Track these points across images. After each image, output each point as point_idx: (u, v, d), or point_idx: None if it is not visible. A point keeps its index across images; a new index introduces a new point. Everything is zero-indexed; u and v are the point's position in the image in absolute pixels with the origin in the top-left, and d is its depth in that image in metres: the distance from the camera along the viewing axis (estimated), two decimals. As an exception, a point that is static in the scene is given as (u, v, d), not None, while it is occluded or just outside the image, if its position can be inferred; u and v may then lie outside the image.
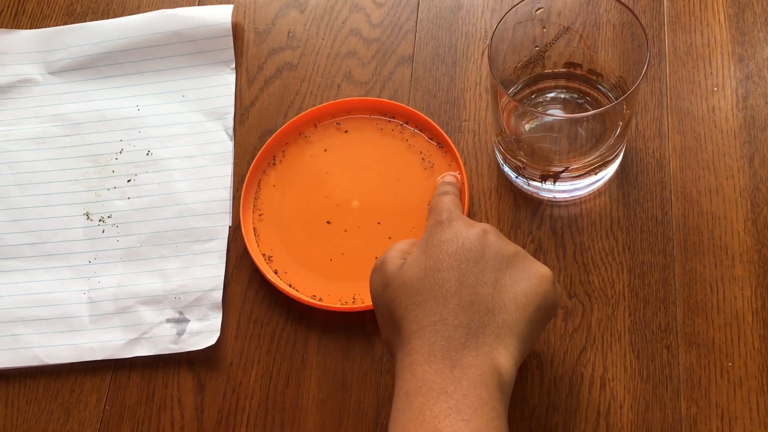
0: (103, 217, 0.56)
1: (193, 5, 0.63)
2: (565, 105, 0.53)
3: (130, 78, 0.60)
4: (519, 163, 0.51)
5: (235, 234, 0.54)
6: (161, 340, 0.51)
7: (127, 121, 0.59)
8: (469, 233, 0.41)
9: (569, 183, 0.51)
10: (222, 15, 0.61)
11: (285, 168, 0.56)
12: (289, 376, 0.50)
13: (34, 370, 0.52)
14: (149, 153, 0.58)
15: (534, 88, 0.53)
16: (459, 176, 0.49)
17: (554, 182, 0.51)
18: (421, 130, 0.56)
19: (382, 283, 0.42)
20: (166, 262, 0.54)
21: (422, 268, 0.40)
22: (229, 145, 0.57)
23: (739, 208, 0.51)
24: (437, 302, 0.39)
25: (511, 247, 0.41)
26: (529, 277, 0.40)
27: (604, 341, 0.49)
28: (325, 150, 0.57)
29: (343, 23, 0.61)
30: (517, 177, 0.53)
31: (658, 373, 0.47)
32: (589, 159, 0.50)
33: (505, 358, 0.38)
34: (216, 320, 0.51)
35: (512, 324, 0.39)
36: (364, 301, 0.51)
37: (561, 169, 0.50)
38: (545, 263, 0.51)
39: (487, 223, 0.52)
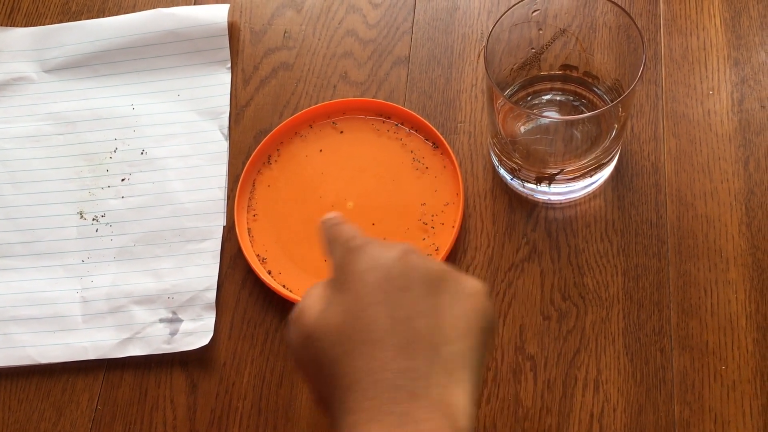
0: (96, 216, 0.56)
1: (189, 4, 0.63)
2: (561, 107, 0.53)
3: (125, 77, 0.60)
4: (514, 165, 0.51)
5: (229, 234, 0.54)
6: (154, 340, 0.51)
7: (122, 120, 0.59)
8: (388, 257, 0.35)
9: (564, 185, 0.51)
10: (218, 14, 0.60)
11: (280, 168, 0.56)
12: (283, 376, 0.50)
13: (26, 370, 0.52)
14: (144, 152, 0.57)
15: (530, 90, 0.53)
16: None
17: (549, 184, 0.51)
18: (416, 131, 0.56)
19: (302, 336, 0.36)
20: (159, 262, 0.53)
21: (345, 310, 0.34)
22: (224, 145, 0.57)
23: (734, 212, 0.51)
24: (372, 346, 0.33)
25: (436, 265, 0.36)
26: (465, 296, 0.35)
27: (598, 344, 0.49)
28: (321, 150, 0.56)
29: (339, 24, 0.61)
30: (512, 179, 0.53)
31: (652, 376, 0.47)
32: (584, 161, 0.50)
33: (459, 397, 0.33)
34: (209, 320, 0.51)
35: (460, 355, 0.34)
36: (358, 302, 0.51)
37: (556, 172, 0.50)
38: (540, 265, 0.51)
39: (482, 224, 0.52)
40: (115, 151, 0.58)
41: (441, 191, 0.54)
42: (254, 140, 0.57)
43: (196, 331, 0.51)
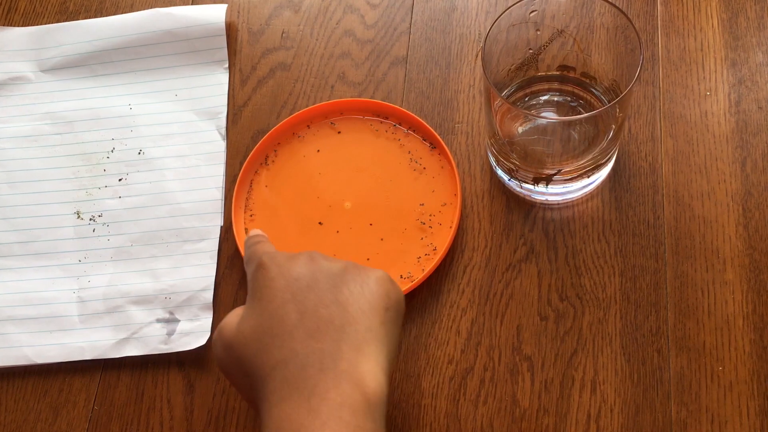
0: (93, 216, 0.56)
1: (187, 4, 0.63)
2: (559, 108, 0.53)
3: (123, 77, 0.60)
4: (512, 166, 0.51)
5: (227, 234, 0.54)
6: (151, 340, 0.51)
7: (120, 120, 0.59)
8: (293, 263, 0.39)
9: (562, 186, 0.51)
10: (216, 14, 0.60)
11: (277, 168, 0.56)
12: (280, 377, 0.50)
13: (23, 370, 0.52)
14: (141, 152, 0.57)
15: (527, 90, 0.53)
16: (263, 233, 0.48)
17: (547, 185, 0.51)
18: (414, 132, 0.56)
19: (223, 347, 0.40)
20: (156, 262, 0.53)
21: (258, 314, 0.38)
22: (222, 145, 0.57)
23: (731, 213, 0.51)
24: (283, 338, 0.37)
25: (338, 262, 0.40)
26: (367, 284, 0.39)
27: (595, 344, 0.49)
28: (318, 151, 0.56)
29: (337, 24, 0.61)
30: (509, 179, 0.53)
31: (649, 377, 0.47)
32: (581, 162, 0.50)
33: (368, 368, 0.36)
34: (206, 321, 0.51)
35: (367, 332, 0.37)
36: (356, 303, 0.51)
37: (554, 172, 0.50)
38: (537, 265, 0.51)
39: (479, 225, 0.53)
40: (112, 151, 0.58)
41: (438, 192, 0.54)
42: (252, 140, 0.57)
43: (193, 332, 0.51)
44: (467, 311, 0.50)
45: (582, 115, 0.51)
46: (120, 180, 0.57)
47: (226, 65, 0.60)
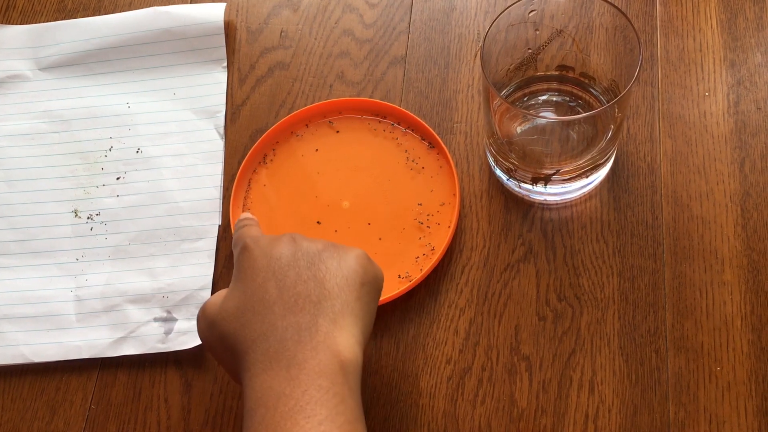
0: (91, 215, 0.55)
1: (186, 3, 0.63)
2: (557, 108, 0.53)
3: (121, 75, 0.60)
4: (510, 166, 0.51)
5: (225, 233, 0.54)
6: (148, 339, 0.51)
7: (117, 119, 0.58)
8: (274, 244, 0.41)
9: (560, 186, 0.51)
10: (214, 13, 0.60)
11: (276, 167, 0.56)
12: (277, 376, 0.50)
13: (20, 368, 0.52)
14: (139, 151, 0.57)
15: (526, 90, 0.53)
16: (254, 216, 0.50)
17: (545, 185, 0.51)
18: (413, 131, 0.56)
19: (206, 324, 0.41)
20: (154, 261, 0.53)
21: (241, 293, 0.40)
22: (220, 144, 0.57)
23: (729, 213, 0.51)
24: (263, 314, 0.39)
25: (318, 242, 0.42)
26: (344, 261, 0.40)
27: (594, 344, 0.49)
28: (317, 150, 0.56)
29: (336, 23, 0.61)
30: (508, 179, 0.53)
31: (647, 377, 0.47)
32: (580, 162, 0.50)
33: (344, 339, 0.38)
34: (204, 320, 0.51)
35: (343, 306, 0.39)
36: (354, 302, 0.51)
37: (552, 172, 0.50)
38: (535, 265, 0.51)
39: (478, 225, 0.52)
40: (110, 150, 0.58)
41: (437, 191, 0.54)
42: (250, 139, 0.57)
43: (191, 331, 0.51)
44: (465, 311, 0.50)
45: (581, 115, 0.51)
46: (118, 179, 0.56)
47: (225, 64, 0.60)
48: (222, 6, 0.61)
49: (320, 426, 0.35)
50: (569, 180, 0.51)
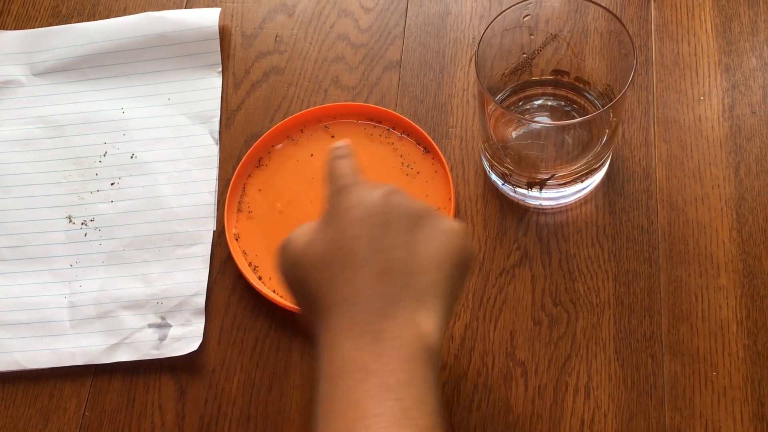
0: (85, 221, 0.55)
1: (181, 8, 0.63)
2: (552, 112, 0.53)
3: (115, 80, 0.60)
4: (505, 170, 0.51)
5: (219, 239, 0.54)
6: (143, 346, 0.51)
7: (112, 124, 0.58)
8: (372, 196, 0.38)
9: (555, 190, 0.51)
10: (209, 18, 0.60)
11: (271, 172, 0.56)
12: (272, 382, 0.50)
13: (13, 375, 0.51)
14: (133, 156, 0.57)
15: (521, 95, 0.53)
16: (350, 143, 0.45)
17: (540, 189, 0.51)
18: (408, 136, 0.56)
19: (289, 262, 0.39)
20: (148, 267, 0.53)
21: (330, 240, 0.38)
22: (215, 149, 0.57)
23: (725, 218, 0.51)
24: (351, 272, 0.37)
25: (417, 204, 0.39)
26: (442, 234, 0.38)
27: (589, 349, 0.48)
28: (312, 155, 0.56)
29: (330, 28, 0.61)
30: (503, 184, 0.53)
31: (643, 382, 0.47)
32: (575, 167, 0.50)
33: (429, 321, 0.36)
34: (198, 326, 0.51)
35: (431, 285, 0.37)
36: (349, 308, 0.50)
37: (547, 177, 0.50)
38: (531, 270, 0.51)
39: (473, 229, 0.52)
40: (104, 155, 0.57)
41: (432, 196, 0.54)
42: (245, 144, 0.57)
43: (185, 337, 0.51)
44: (461, 316, 0.50)
45: (576, 120, 0.51)
46: (112, 184, 0.56)
47: (220, 69, 0.60)
48: (217, 11, 0.61)
49: (408, 411, 0.33)
50: (564, 185, 0.51)
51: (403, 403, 0.34)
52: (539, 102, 0.53)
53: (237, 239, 0.54)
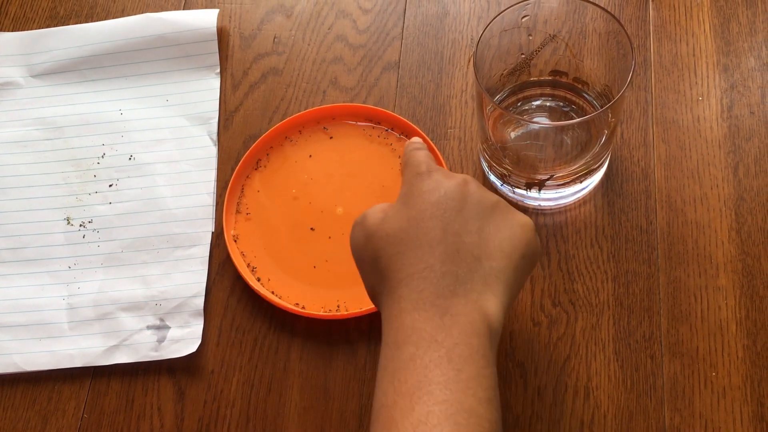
0: (84, 222, 0.55)
1: (179, 9, 0.63)
2: (551, 113, 0.53)
3: (114, 82, 0.60)
4: (504, 171, 0.51)
5: (218, 240, 0.54)
6: (141, 347, 0.51)
7: (110, 125, 0.58)
8: (449, 183, 0.40)
9: (554, 191, 0.51)
10: (207, 19, 0.60)
11: (269, 173, 0.56)
12: (271, 384, 0.50)
13: (12, 377, 0.51)
14: (132, 158, 0.57)
15: (520, 95, 0.53)
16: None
17: (539, 190, 0.51)
18: (406, 137, 0.56)
19: (364, 236, 0.41)
20: (147, 268, 0.53)
21: (405, 218, 0.40)
22: (213, 151, 0.57)
23: (724, 218, 0.51)
24: (423, 250, 0.38)
25: (491, 196, 0.41)
26: (512, 226, 0.40)
27: (589, 350, 0.48)
28: (310, 156, 0.56)
29: (329, 29, 0.61)
30: (502, 185, 0.53)
31: (642, 383, 0.47)
32: (574, 167, 0.49)
33: (493, 304, 0.38)
34: (197, 327, 0.51)
35: (499, 271, 0.39)
36: (348, 309, 0.50)
37: (546, 177, 0.50)
38: (530, 271, 0.51)
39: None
40: (102, 157, 0.57)
41: (431, 197, 0.53)
42: (243, 146, 0.57)
43: (184, 338, 0.50)
44: (460, 317, 0.50)
45: (574, 120, 0.51)
46: (110, 186, 0.56)
47: (218, 70, 0.60)
48: (215, 12, 0.61)
49: (469, 382, 0.35)
50: (563, 185, 0.51)
51: (464, 374, 0.35)
52: (538, 102, 0.53)
53: (235, 240, 0.54)
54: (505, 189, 0.53)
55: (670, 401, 0.47)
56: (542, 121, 0.53)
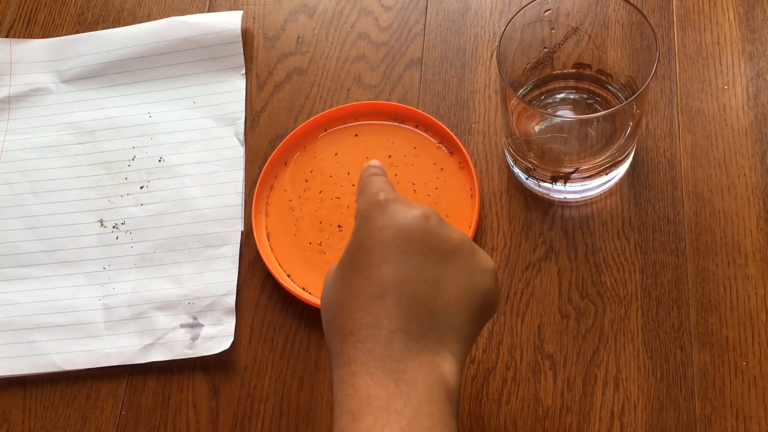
0: (116, 224, 0.56)
1: (203, 11, 0.64)
2: (575, 106, 0.53)
3: (142, 85, 0.61)
4: (529, 165, 0.51)
5: (248, 239, 0.55)
6: (176, 346, 0.52)
7: (140, 128, 0.59)
8: (408, 217, 0.36)
9: (580, 184, 0.51)
10: (231, 21, 0.61)
11: (296, 172, 0.57)
12: (303, 379, 0.50)
13: (51, 376, 0.53)
14: (161, 159, 0.58)
15: (543, 89, 0.53)
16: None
17: (565, 183, 0.51)
18: (430, 133, 0.56)
19: (324, 287, 0.39)
20: (179, 268, 0.54)
21: (356, 263, 0.36)
22: (241, 151, 0.58)
23: (752, 207, 0.51)
24: (372, 302, 0.35)
25: (454, 234, 0.37)
26: (472, 273, 0.37)
27: (617, 342, 0.49)
28: (336, 154, 0.57)
29: (351, 27, 0.62)
30: (527, 178, 0.53)
31: (672, 373, 0.47)
32: (599, 159, 0.50)
33: (450, 363, 0.35)
34: (229, 325, 0.52)
35: (455, 326, 0.36)
36: (377, 304, 0.51)
37: (571, 170, 0.50)
38: (557, 264, 0.51)
39: (498, 224, 0.53)
40: (133, 159, 0.58)
41: (456, 192, 0.54)
42: (270, 145, 0.58)
43: (217, 336, 0.51)
44: (488, 311, 0.50)
45: (599, 113, 0.51)
46: (141, 188, 0.57)
47: (243, 71, 0.60)
48: (239, 14, 0.61)
49: None
50: (589, 178, 0.51)
51: None
52: (561, 96, 0.53)
53: (266, 239, 0.54)
54: (530, 182, 0.53)
55: (701, 391, 0.47)
56: (566, 114, 0.53)
